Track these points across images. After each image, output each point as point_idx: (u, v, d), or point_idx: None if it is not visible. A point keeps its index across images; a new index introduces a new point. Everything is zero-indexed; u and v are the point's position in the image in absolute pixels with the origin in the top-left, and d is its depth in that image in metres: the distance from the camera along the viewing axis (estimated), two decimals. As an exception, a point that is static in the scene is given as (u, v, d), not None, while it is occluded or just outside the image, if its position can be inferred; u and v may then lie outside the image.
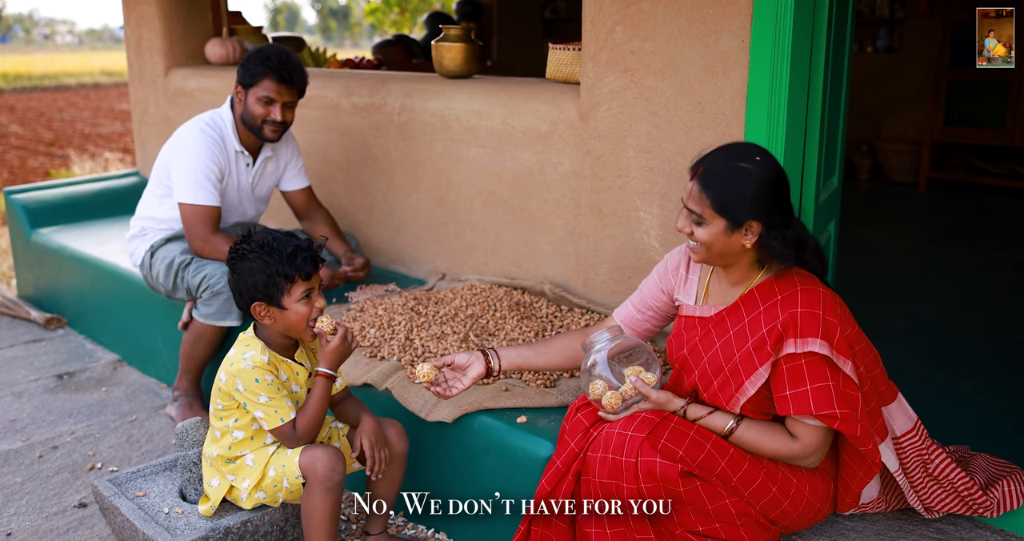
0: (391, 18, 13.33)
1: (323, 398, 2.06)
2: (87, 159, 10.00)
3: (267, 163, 3.24)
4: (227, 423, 2.09)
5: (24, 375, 3.61)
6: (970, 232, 5.51)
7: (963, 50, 6.36)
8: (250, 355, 2.04)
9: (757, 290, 1.93)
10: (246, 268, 2.04)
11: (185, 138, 3.05)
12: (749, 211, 1.84)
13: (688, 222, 1.92)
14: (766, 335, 1.87)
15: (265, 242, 2.04)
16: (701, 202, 1.87)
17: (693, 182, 1.89)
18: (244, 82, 3.02)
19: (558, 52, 3.01)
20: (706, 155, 1.92)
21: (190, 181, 2.99)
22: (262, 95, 2.99)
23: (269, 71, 2.97)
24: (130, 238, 3.25)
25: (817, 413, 1.81)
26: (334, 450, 2.04)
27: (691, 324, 2.04)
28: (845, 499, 1.99)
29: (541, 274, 3.09)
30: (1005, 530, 2.04)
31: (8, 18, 58.57)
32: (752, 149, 1.90)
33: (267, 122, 3.03)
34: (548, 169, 2.98)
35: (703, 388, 1.97)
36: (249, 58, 3.02)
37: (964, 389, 3.10)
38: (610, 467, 1.86)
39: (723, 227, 1.86)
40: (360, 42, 50.05)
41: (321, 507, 2.00)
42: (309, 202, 3.36)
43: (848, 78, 2.91)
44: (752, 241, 1.87)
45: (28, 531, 2.50)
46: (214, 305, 2.93)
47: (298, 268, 2.01)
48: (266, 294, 2.02)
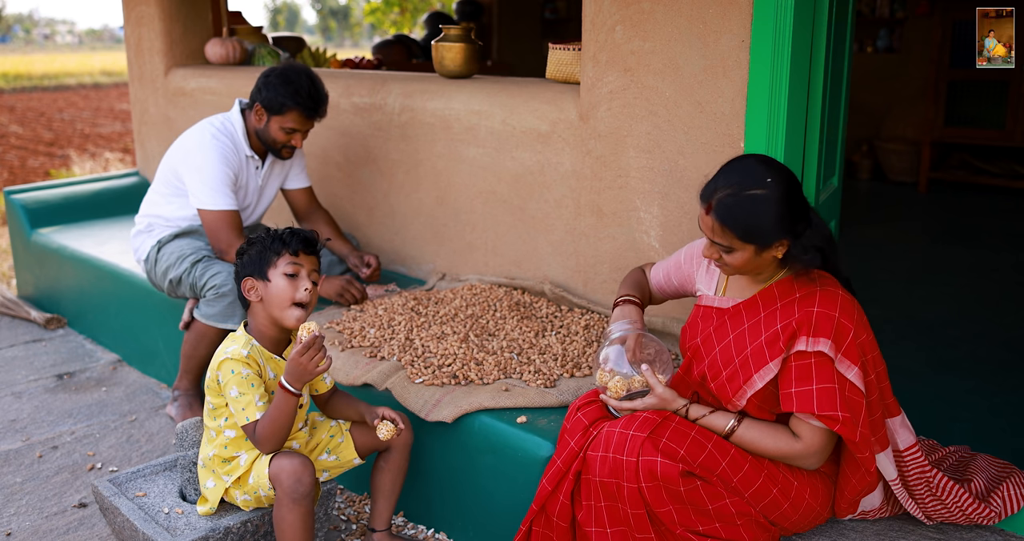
0: (391, 18, 13.35)
1: (280, 408, 1.96)
2: (87, 159, 10.00)
3: (274, 165, 3.25)
4: (219, 422, 2.09)
5: (24, 375, 3.61)
6: (970, 232, 5.51)
7: (963, 50, 6.36)
8: (231, 348, 2.04)
9: (777, 286, 1.94)
10: (246, 245, 2.13)
11: (199, 144, 3.03)
12: (775, 233, 1.84)
13: (716, 251, 1.90)
14: (780, 331, 1.87)
15: (269, 229, 2.15)
16: (725, 236, 1.85)
17: (710, 216, 1.85)
18: (269, 108, 2.99)
19: (558, 52, 3.01)
20: (715, 183, 1.87)
21: (208, 188, 2.99)
22: (287, 126, 3.00)
23: (299, 106, 2.97)
24: (135, 234, 3.25)
25: (819, 413, 1.81)
26: (301, 459, 1.99)
27: (708, 314, 2.05)
28: (840, 504, 1.99)
29: (541, 274, 3.09)
30: (1005, 530, 2.04)
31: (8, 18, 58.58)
32: (760, 171, 1.84)
33: (285, 147, 3.08)
34: (548, 169, 2.98)
35: (711, 378, 1.97)
36: (277, 83, 2.97)
37: (964, 389, 3.10)
38: (611, 466, 1.86)
39: (752, 251, 1.86)
40: (360, 42, 50.06)
41: (289, 518, 1.97)
42: (310, 202, 3.36)
43: (848, 78, 2.91)
44: (783, 251, 1.88)
45: (28, 531, 2.50)
46: (218, 306, 2.93)
47: (286, 243, 2.07)
48: (255, 268, 2.07)
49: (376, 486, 2.27)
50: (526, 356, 2.55)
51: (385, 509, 2.29)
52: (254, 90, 3.04)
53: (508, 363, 2.50)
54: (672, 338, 2.66)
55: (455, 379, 2.43)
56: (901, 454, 1.99)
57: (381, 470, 2.26)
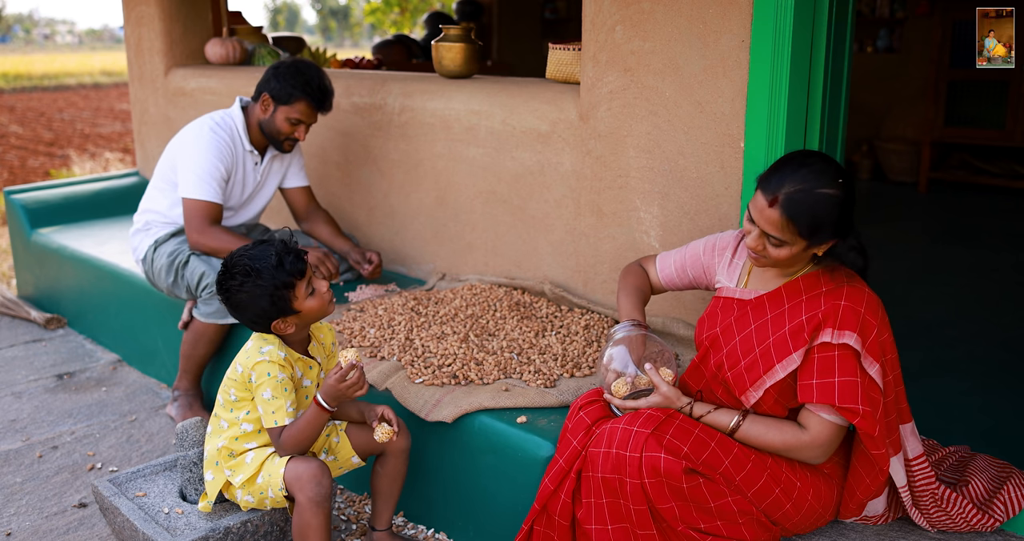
0: (391, 18, 13.35)
1: (311, 422, 2.01)
2: (87, 159, 10.00)
3: (273, 161, 3.27)
4: (237, 414, 2.09)
5: (24, 375, 3.61)
6: (970, 232, 5.50)
7: (963, 50, 6.35)
8: (268, 349, 2.05)
9: (803, 280, 1.95)
10: (244, 300, 2.02)
11: (195, 137, 3.07)
12: (832, 233, 1.85)
13: (763, 242, 1.89)
14: (805, 322, 1.87)
15: (247, 268, 2.01)
16: (787, 230, 1.83)
17: (775, 209, 1.82)
18: (277, 98, 3.04)
19: (558, 52, 3.01)
20: (783, 174, 1.84)
21: (196, 178, 3.01)
22: (294, 117, 3.04)
23: (308, 98, 3.02)
24: (134, 233, 3.25)
25: (840, 405, 1.81)
26: (318, 464, 2.02)
27: (728, 305, 2.05)
28: (849, 505, 1.98)
29: (541, 274, 3.09)
30: (1005, 531, 2.04)
31: (8, 18, 58.58)
32: (832, 170, 1.83)
33: (289, 139, 3.11)
34: (548, 169, 2.98)
35: (729, 367, 1.96)
36: (287, 73, 3.02)
37: (963, 389, 3.10)
38: (613, 462, 1.86)
39: (803, 246, 1.87)
40: (360, 42, 50.05)
41: (314, 523, 1.98)
42: (309, 202, 3.36)
43: (848, 78, 2.90)
44: (823, 250, 1.88)
45: (28, 531, 2.50)
46: (215, 304, 2.93)
47: (290, 273, 2.01)
48: (278, 310, 2.03)
49: (375, 489, 2.28)
50: (526, 356, 2.55)
51: (385, 510, 2.29)
52: (262, 81, 3.08)
53: (508, 363, 2.50)
54: (672, 338, 2.66)
55: (455, 379, 2.43)
56: (910, 462, 1.99)
57: (378, 474, 2.26)
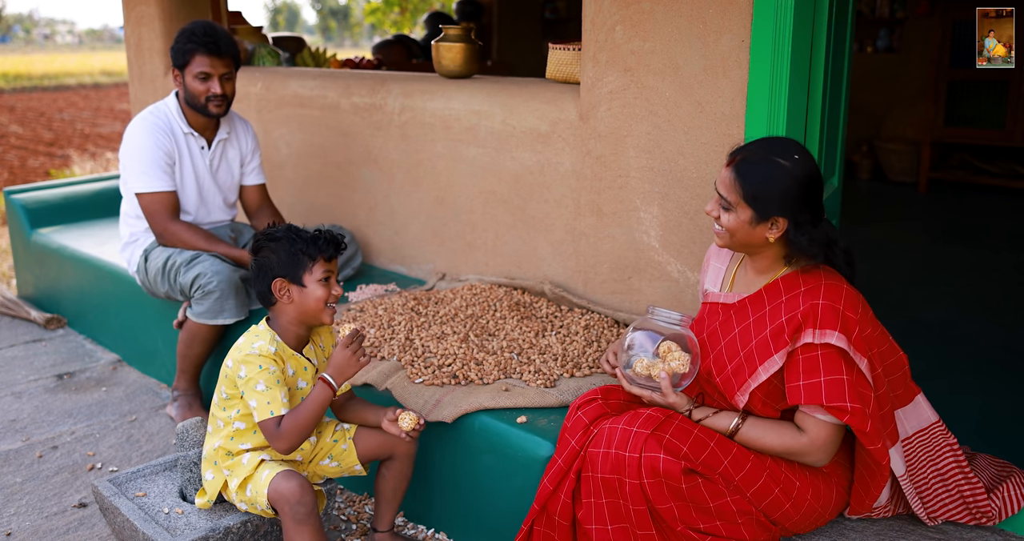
0: (391, 18, 13.36)
1: (317, 402, 2.02)
2: (87, 159, 10.00)
3: (226, 147, 3.25)
4: (230, 413, 2.09)
5: (24, 375, 3.61)
6: (970, 232, 5.51)
7: (963, 50, 6.36)
8: (259, 344, 2.05)
9: (782, 281, 1.96)
10: (271, 247, 2.10)
11: (131, 131, 3.09)
12: (778, 206, 1.86)
13: (716, 206, 1.95)
14: (785, 323, 1.88)
15: (291, 227, 2.15)
16: (732, 189, 1.89)
17: (728, 169, 1.91)
18: (178, 63, 3.04)
19: (558, 52, 3.01)
20: (747, 144, 1.95)
21: (139, 169, 3.02)
22: (197, 72, 3.02)
23: (198, 46, 3.00)
24: (123, 246, 3.28)
25: (828, 404, 1.81)
26: (300, 482, 2.00)
27: (713, 310, 2.06)
28: (864, 501, 1.98)
29: (541, 274, 3.09)
30: (1005, 530, 2.04)
31: (8, 18, 58.58)
32: (793, 146, 1.91)
33: (209, 98, 3.06)
34: (548, 169, 2.98)
35: (717, 372, 1.97)
36: (177, 38, 3.04)
37: (964, 389, 3.10)
38: (612, 462, 1.86)
39: (749, 217, 1.89)
40: (360, 42, 50.06)
41: (298, 539, 1.99)
42: (263, 199, 3.40)
43: (848, 78, 2.91)
44: (776, 236, 1.90)
45: (28, 531, 2.50)
46: (206, 304, 2.93)
47: (321, 249, 2.09)
48: (288, 271, 2.07)
49: (379, 491, 2.28)
50: (526, 356, 2.55)
51: (388, 512, 2.30)
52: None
53: (508, 363, 2.50)
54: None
55: (455, 379, 2.43)
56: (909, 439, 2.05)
57: (384, 477, 2.26)
